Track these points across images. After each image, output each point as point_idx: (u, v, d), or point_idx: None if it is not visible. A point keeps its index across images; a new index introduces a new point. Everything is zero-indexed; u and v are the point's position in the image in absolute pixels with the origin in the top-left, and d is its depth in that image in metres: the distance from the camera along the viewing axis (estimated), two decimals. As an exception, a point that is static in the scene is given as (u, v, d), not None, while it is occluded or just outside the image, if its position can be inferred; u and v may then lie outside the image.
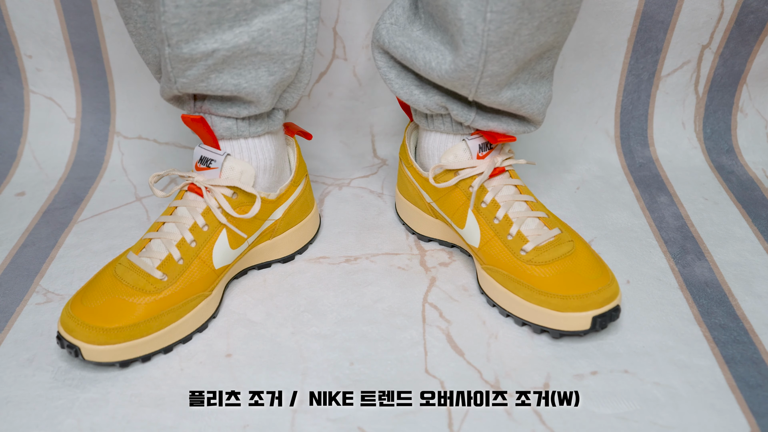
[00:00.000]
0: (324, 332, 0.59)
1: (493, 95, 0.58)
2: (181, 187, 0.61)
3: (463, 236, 0.64)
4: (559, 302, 0.56)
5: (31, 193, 0.80)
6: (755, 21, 0.81)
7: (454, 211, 0.64)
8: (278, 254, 0.67)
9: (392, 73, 0.62)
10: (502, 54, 0.54)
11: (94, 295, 0.55)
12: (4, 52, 0.84)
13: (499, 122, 0.61)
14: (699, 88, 0.87)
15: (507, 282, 0.59)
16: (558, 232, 0.59)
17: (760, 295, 0.64)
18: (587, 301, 0.55)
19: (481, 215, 0.62)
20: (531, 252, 0.58)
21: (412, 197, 0.70)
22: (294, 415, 0.51)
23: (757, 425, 0.50)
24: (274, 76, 0.58)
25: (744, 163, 0.86)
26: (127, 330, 0.54)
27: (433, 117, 0.64)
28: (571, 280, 0.56)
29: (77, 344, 0.53)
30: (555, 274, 0.57)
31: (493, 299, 0.61)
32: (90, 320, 0.53)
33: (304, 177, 0.68)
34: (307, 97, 0.87)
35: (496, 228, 0.61)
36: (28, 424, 0.51)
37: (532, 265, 0.58)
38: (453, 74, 0.56)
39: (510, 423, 0.51)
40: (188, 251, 0.58)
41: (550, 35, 0.55)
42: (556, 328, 0.56)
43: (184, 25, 0.52)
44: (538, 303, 0.57)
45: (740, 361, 0.56)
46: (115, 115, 0.87)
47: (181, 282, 0.57)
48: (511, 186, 0.62)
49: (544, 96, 0.62)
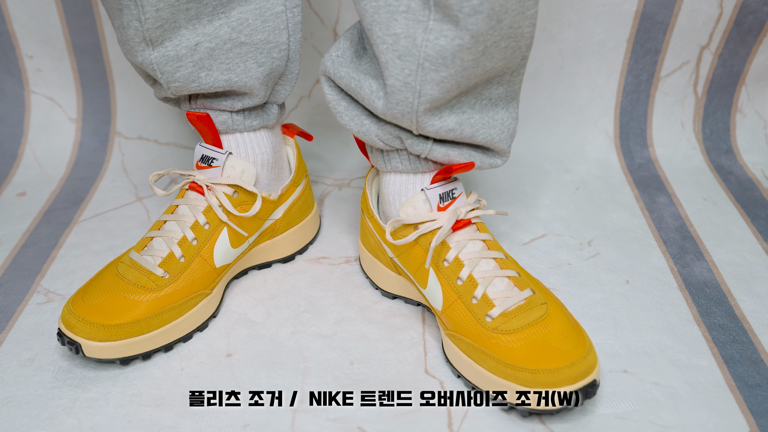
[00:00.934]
0: (324, 332, 0.59)
1: (436, 120, 0.52)
2: (182, 186, 0.61)
3: (426, 297, 0.58)
4: (527, 377, 0.49)
5: (32, 193, 0.80)
6: (754, 22, 0.81)
7: (415, 269, 0.57)
8: (278, 254, 0.68)
9: (341, 105, 0.57)
10: (442, 76, 0.49)
11: (95, 293, 0.55)
12: (5, 53, 0.84)
13: (460, 151, 0.55)
14: (698, 88, 0.87)
15: (471, 351, 0.52)
16: (530, 294, 0.52)
17: (759, 295, 0.64)
18: (558, 376, 0.48)
19: (443, 275, 0.55)
20: (497, 318, 0.51)
21: (374, 250, 0.63)
22: (294, 415, 0.51)
23: (756, 425, 0.51)
24: (263, 66, 0.59)
25: (743, 163, 0.86)
26: (128, 327, 0.54)
27: (390, 154, 0.58)
28: (542, 351, 0.49)
29: (78, 340, 0.53)
30: (523, 344, 0.50)
31: (458, 370, 0.54)
32: (91, 317, 0.53)
33: (304, 177, 0.68)
34: (307, 97, 0.87)
35: (459, 290, 0.54)
36: (29, 423, 0.51)
37: (498, 333, 0.51)
38: (391, 100, 0.51)
39: (510, 423, 0.51)
40: (189, 249, 0.58)
41: (498, 61, 0.50)
42: (524, 406, 0.49)
43: (166, 24, 0.54)
44: (504, 377, 0.50)
45: (739, 360, 0.56)
46: (115, 115, 0.88)
47: (182, 280, 0.57)
48: (477, 241, 0.55)
49: (503, 123, 0.56)
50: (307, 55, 0.84)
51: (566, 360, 0.49)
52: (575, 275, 0.66)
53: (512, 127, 0.57)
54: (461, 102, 0.53)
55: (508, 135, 0.57)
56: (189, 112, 0.59)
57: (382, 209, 0.62)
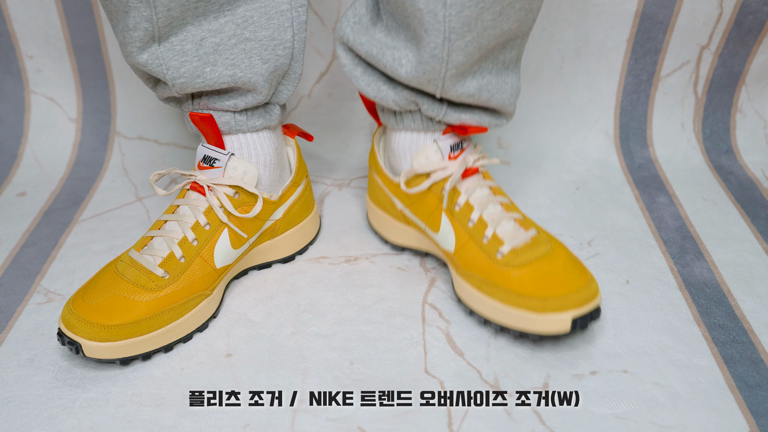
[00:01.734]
0: (324, 332, 0.59)
1: (459, 86, 0.57)
2: (183, 186, 0.61)
3: (437, 241, 0.62)
4: (537, 304, 0.54)
5: (32, 193, 0.80)
6: (754, 22, 0.81)
7: (428, 216, 0.62)
8: (278, 255, 0.68)
9: (358, 70, 0.61)
10: (466, 42, 0.53)
11: (95, 293, 0.55)
12: (5, 53, 0.84)
13: (471, 114, 0.60)
14: (698, 88, 0.87)
15: (483, 286, 0.57)
16: (534, 233, 0.57)
17: (759, 295, 0.64)
18: (566, 301, 0.53)
19: (455, 218, 0.60)
20: (508, 255, 0.56)
21: (384, 205, 0.68)
22: (294, 415, 0.51)
23: (756, 425, 0.51)
24: (267, 63, 0.59)
25: (743, 163, 0.86)
26: (129, 327, 0.54)
27: (403, 114, 0.62)
28: (550, 281, 0.54)
29: (78, 341, 0.53)
30: (532, 275, 0.55)
31: (470, 306, 0.59)
32: (91, 317, 0.53)
33: (304, 178, 0.69)
34: (307, 97, 0.87)
35: (470, 231, 0.59)
36: (29, 423, 0.51)
37: (509, 267, 0.56)
38: (419, 70, 0.55)
39: (510, 423, 0.51)
40: (190, 249, 0.58)
41: (513, 22, 0.54)
42: (535, 331, 0.54)
43: (175, 22, 0.55)
44: (515, 305, 0.54)
45: (739, 360, 0.56)
46: (115, 115, 0.88)
47: (182, 280, 0.57)
48: (484, 187, 0.60)
49: (512, 86, 0.61)
50: (307, 55, 0.84)
51: (573, 288, 0.54)
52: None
53: (518, 88, 0.62)
54: (481, 68, 0.57)
55: (516, 97, 0.62)
56: (192, 112, 0.59)
57: (390, 165, 0.66)
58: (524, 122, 0.87)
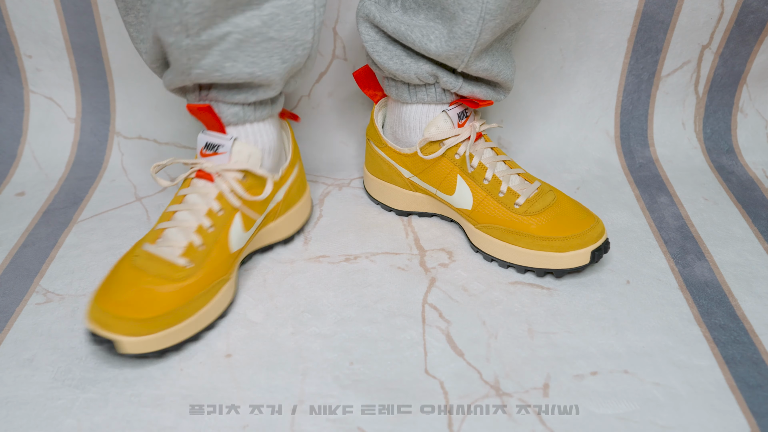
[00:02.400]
0: (324, 332, 0.59)
1: (479, 62, 0.63)
2: (188, 175, 0.62)
3: (451, 203, 0.69)
4: (560, 244, 0.62)
5: (31, 193, 0.80)
6: (755, 21, 0.81)
7: (441, 180, 0.69)
8: (280, 236, 0.69)
9: (380, 45, 0.66)
10: (496, 23, 0.59)
11: (118, 289, 0.55)
12: (4, 52, 0.84)
13: (480, 89, 0.67)
14: (699, 88, 0.87)
15: (506, 236, 0.65)
16: (539, 184, 0.66)
17: (760, 295, 0.64)
18: (585, 238, 0.62)
19: (471, 178, 0.67)
20: (524, 205, 0.64)
21: (387, 175, 0.73)
22: (294, 416, 0.51)
23: (757, 425, 0.50)
24: (286, 63, 0.59)
25: (744, 163, 0.86)
26: (162, 319, 0.54)
27: (417, 88, 0.67)
28: (566, 223, 0.63)
29: (115, 338, 0.53)
30: (550, 220, 0.63)
31: (491, 254, 0.67)
32: (124, 312, 0.53)
33: (298, 158, 0.70)
34: (307, 97, 0.87)
35: (487, 188, 0.66)
36: (28, 424, 0.51)
37: (528, 216, 0.64)
38: (450, 45, 0.61)
39: (510, 423, 0.51)
40: (208, 237, 0.58)
41: (527, 9, 0.62)
42: (560, 267, 0.63)
43: (206, 13, 0.53)
44: (540, 248, 0.63)
45: (740, 361, 0.56)
46: (114, 115, 0.87)
47: (205, 267, 0.57)
48: (489, 149, 0.68)
49: (512, 66, 0.68)
50: (307, 55, 0.84)
51: (586, 225, 0.63)
52: (575, 275, 0.66)
53: (514, 67, 0.69)
54: (492, 47, 0.64)
55: (514, 74, 0.68)
56: (189, 104, 0.59)
57: (397, 137, 0.72)
58: (524, 122, 0.87)
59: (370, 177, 0.76)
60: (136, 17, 0.58)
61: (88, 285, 0.65)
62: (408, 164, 0.71)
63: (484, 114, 0.88)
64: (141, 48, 0.61)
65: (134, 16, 0.58)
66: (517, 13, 0.61)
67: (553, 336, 0.58)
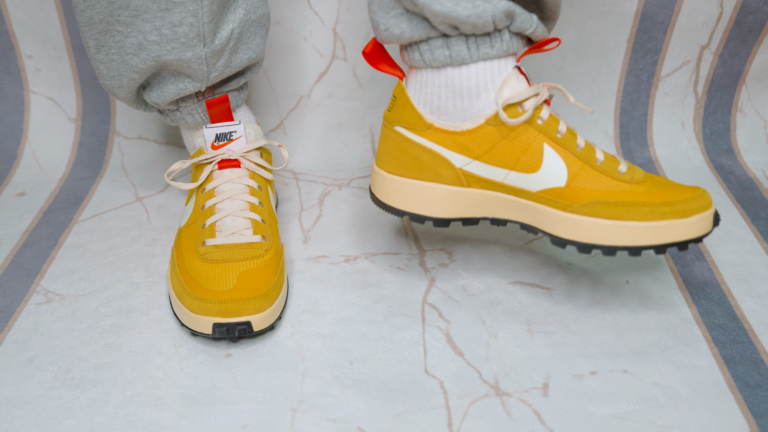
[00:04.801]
0: (324, 332, 0.59)
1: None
2: (210, 172, 0.64)
3: (529, 186, 0.55)
4: (686, 207, 0.52)
5: (32, 193, 0.80)
6: (754, 21, 0.81)
7: (519, 156, 0.55)
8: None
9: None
10: None
11: (217, 280, 0.56)
12: (5, 53, 0.84)
13: (543, 28, 0.56)
14: (698, 88, 0.87)
15: (614, 210, 0.52)
16: None
17: (759, 295, 0.64)
18: (705, 199, 0.53)
19: (563, 146, 0.54)
20: (628, 172, 0.54)
21: (427, 170, 0.57)
22: (294, 415, 0.51)
23: (756, 425, 0.51)
24: (264, 39, 0.66)
25: (743, 163, 0.86)
26: (274, 289, 0.57)
27: (479, 40, 0.53)
28: (677, 187, 0.53)
29: (249, 320, 0.55)
30: (659, 187, 0.53)
31: (593, 242, 0.53)
32: (244, 293, 0.55)
33: None
34: (307, 97, 0.87)
35: (582, 156, 0.54)
36: (29, 424, 0.51)
37: (636, 183, 0.53)
38: None
39: (509, 423, 0.51)
40: (262, 212, 0.62)
41: None
42: (684, 238, 0.52)
43: (214, 16, 0.59)
44: (661, 217, 0.51)
45: (739, 361, 0.56)
46: (115, 115, 0.88)
47: (273, 237, 0.61)
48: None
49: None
50: (307, 55, 0.84)
51: (695, 190, 0.53)
52: (575, 275, 0.66)
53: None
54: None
55: None
56: (208, 101, 0.64)
57: (446, 112, 0.56)
58: (524, 122, 0.87)
59: (392, 179, 0.59)
60: (107, 54, 0.61)
61: (89, 285, 0.65)
62: (466, 145, 0.55)
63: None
64: (112, 84, 0.64)
65: (105, 54, 0.61)
66: None
67: (553, 336, 0.59)
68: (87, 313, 0.61)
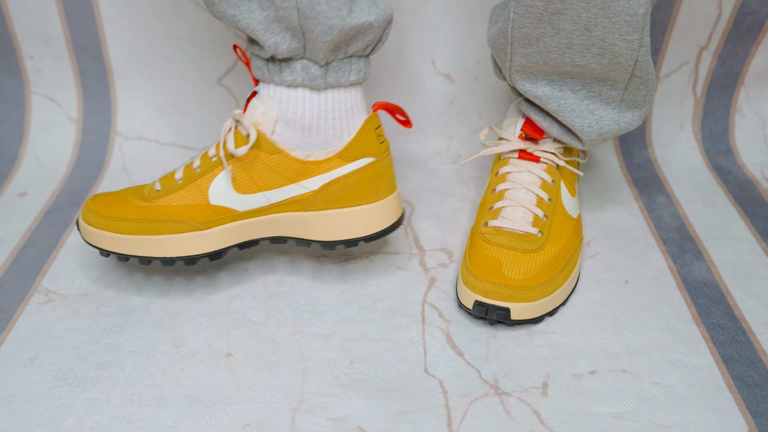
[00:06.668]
0: (324, 332, 0.59)
1: (528, 83, 0.62)
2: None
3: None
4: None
5: (33, 193, 0.81)
6: (753, 22, 0.81)
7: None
8: (314, 234, 0.61)
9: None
10: (528, 51, 0.59)
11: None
12: (6, 53, 0.84)
13: (543, 118, 0.64)
14: (697, 89, 0.87)
15: None
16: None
17: (758, 294, 0.64)
18: None
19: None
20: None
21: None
22: (294, 415, 0.52)
23: (755, 425, 0.51)
24: (266, 11, 0.55)
25: (742, 163, 0.86)
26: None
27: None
28: None
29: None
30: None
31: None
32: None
33: (364, 158, 0.60)
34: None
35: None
36: (30, 423, 0.51)
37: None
38: (492, 36, 0.62)
39: (509, 422, 0.51)
40: (190, 174, 0.61)
41: (589, 60, 0.58)
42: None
43: None
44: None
45: (738, 360, 0.56)
46: (116, 115, 0.88)
47: (172, 198, 0.60)
48: None
49: (599, 120, 0.62)
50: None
51: None
52: (574, 275, 0.66)
53: (607, 128, 0.63)
54: (564, 81, 0.61)
55: (597, 132, 0.63)
56: (235, 45, 0.61)
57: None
58: (524, 122, 0.87)
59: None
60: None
61: (90, 284, 0.65)
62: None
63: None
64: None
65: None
66: (565, 57, 0.58)
67: (552, 335, 0.59)
68: (88, 313, 0.61)
